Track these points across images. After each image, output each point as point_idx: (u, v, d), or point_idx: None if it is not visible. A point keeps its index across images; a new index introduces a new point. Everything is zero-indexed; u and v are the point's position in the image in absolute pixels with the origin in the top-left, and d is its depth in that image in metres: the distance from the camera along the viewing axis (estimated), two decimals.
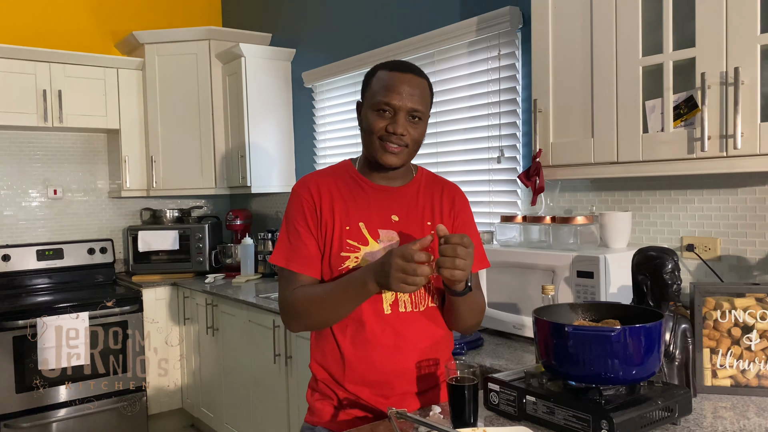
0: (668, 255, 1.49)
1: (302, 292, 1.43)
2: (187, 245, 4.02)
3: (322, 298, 1.41)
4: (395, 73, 1.42)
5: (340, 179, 1.51)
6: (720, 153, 1.61)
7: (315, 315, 1.42)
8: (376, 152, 1.43)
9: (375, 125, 1.42)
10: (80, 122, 3.84)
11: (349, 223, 1.46)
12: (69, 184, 4.15)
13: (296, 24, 3.91)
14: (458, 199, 1.58)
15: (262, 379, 3.06)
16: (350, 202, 1.48)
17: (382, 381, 1.44)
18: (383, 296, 1.45)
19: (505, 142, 2.60)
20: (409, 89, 1.41)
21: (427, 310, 1.49)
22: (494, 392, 1.40)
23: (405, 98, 1.40)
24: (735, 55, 1.57)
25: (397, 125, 1.40)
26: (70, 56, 3.77)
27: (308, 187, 1.49)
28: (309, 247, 1.46)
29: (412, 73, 1.43)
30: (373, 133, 1.42)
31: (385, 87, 1.41)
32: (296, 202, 1.49)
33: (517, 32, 2.51)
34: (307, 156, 3.92)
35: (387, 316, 1.45)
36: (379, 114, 1.41)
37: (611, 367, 1.23)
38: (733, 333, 1.52)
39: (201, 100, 3.97)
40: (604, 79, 1.86)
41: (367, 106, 1.45)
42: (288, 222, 1.50)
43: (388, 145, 1.41)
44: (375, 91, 1.43)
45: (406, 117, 1.41)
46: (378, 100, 1.41)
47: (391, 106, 1.40)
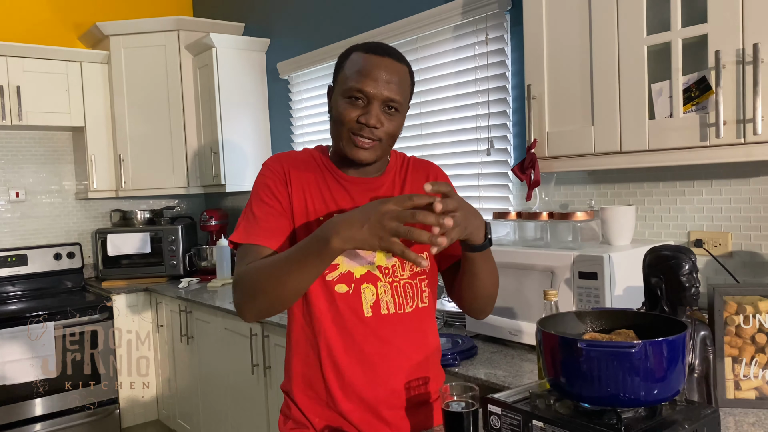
0: (684, 254, 1.33)
1: (254, 264, 1.21)
2: (159, 248, 3.81)
3: (273, 264, 1.16)
4: (371, 56, 1.24)
5: (315, 164, 1.34)
6: (737, 140, 1.46)
7: (266, 288, 1.16)
8: (345, 145, 1.26)
9: (345, 114, 1.23)
10: (42, 120, 3.62)
11: (323, 213, 1.29)
12: (32, 185, 3.91)
13: (271, 12, 3.71)
14: (435, 174, 1.42)
15: (239, 391, 2.88)
16: (326, 192, 1.31)
17: (369, 398, 1.27)
18: (362, 297, 1.27)
19: (494, 132, 2.43)
20: (386, 76, 1.22)
21: (415, 311, 1.32)
22: (495, 415, 1.23)
23: (381, 86, 1.22)
24: (753, 30, 1.41)
25: (370, 116, 1.22)
26: (30, 49, 3.55)
27: (280, 161, 1.32)
28: (277, 221, 1.27)
29: (390, 57, 1.25)
30: (343, 124, 1.24)
31: (359, 71, 1.22)
32: (266, 173, 1.31)
33: (505, 14, 2.34)
34: (284, 151, 3.71)
35: (368, 319, 1.27)
36: (351, 102, 1.23)
37: (630, 386, 1.07)
38: (757, 340, 1.36)
39: (171, 95, 3.76)
40: (604, 60, 1.70)
41: (337, 91, 1.27)
42: (254, 196, 1.31)
43: (359, 139, 1.23)
44: (347, 76, 1.24)
45: (380, 107, 1.23)
46: (350, 86, 1.22)
47: (365, 94, 1.22)
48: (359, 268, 1.28)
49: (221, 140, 3.59)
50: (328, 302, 1.27)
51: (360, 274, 1.28)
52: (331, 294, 1.27)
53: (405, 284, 1.31)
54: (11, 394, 3.16)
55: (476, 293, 1.32)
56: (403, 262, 1.31)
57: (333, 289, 1.27)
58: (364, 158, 1.25)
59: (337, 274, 1.27)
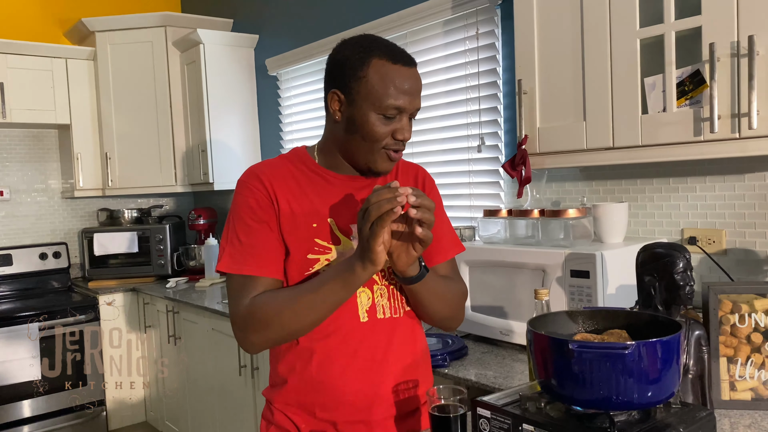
0: (679, 252, 1.29)
1: (265, 297, 1.17)
2: (147, 247, 3.76)
3: (293, 299, 1.15)
4: (401, 67, 1.17)
5: (298, 170, 1.27)
6: (732, 134, 1.42)
7: (285, 322, 1.15)
8: (376, 160, 1.21)
9: (381, 131, 1.18)
10: (26, 117, 3.55)
11: (316, 220, 1.23)
12: (17, 184, 3.85)
13: (259, 8, 3.66)
14: (427, 183, 1.38)
15: (227, 392, 2.83)
16: (314, 196, 1.24)
17: (359, 404, 1.22)
18: (358, 301, 1.23)
19: (485, 129, 2.39)
20: (416, 87, 1.19)
21: (405, 315, 1.29)
22: (484, 419, 1.19)
23: (415, 99, 1.19)
24: (748, 22, 1.38)
25: (405, 130, 1.20)
26: (13, 45, 3.49)
27: (259, 177, 1.24)
28: (267, 245, 1.21)
29: (414, 66, 1.21)
30: (377, 140, 1.18)
31: (396, 87, 1.16)
32: (245, 193, 1.24)
33: (496, 8, 2.30)
34: (273, 148, 3.67)
35: (363, 324, 1.23)
36: (386, 118, 1.18)
37: (623, 389, 1.04)
38: (753, 339, 1.33)
39: (158, 92, 3.70)
40: (596, 54, 1.66)
41: (365, 106, 1.17)
42: (236, 219, 1.24)
43: (392, 153, 1.21)
44: (380, 92, 1.16)
45: (408, 117, 1.21)
46: (389, 103, 1.16)
47: (401, 110, 1.18)
48: None
49: (209, 138, 3.53)
50: None
51: None
52: None
53: (400, 287, 1.28)
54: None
55: (432, 317, 1.30)
56: (397, 263, 1.27)
57: None
58: (389, 169, 1.24)
59: None
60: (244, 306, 1.19)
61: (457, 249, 1.39)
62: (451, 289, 1.31)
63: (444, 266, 1.35)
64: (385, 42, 1.21)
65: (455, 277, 1.37)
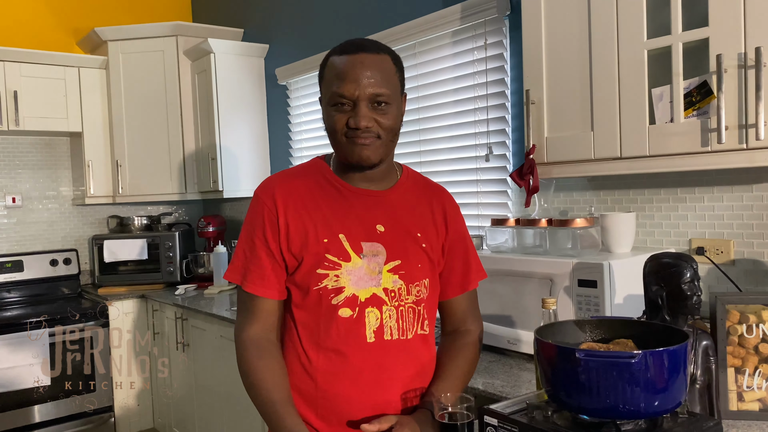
0: (686, 262, 1.30)
1: (253, 365, 1.22)
2: (156, 254, 3.78)
3: (261, 403, 1.21)
4: (345, 56, 1.20)
5: (314, 182, 1.29)
6: (739, 145, 1.43)
7: (251, 397, 1.24)
8: (346, 151, 1.23)
9: (336, 122, 1.21)
10: (39, 125, 3.59)
11: (327, 235, 1.24)
12: (29, 191, 3.89)
13: (270, 18, 3.69)
14: (450, 208, 1.38)
15: (235, 399, 2.84)
16: (327, 210, 1.25)
17: (361, 419, 1.23)
18: (366, 321, 1.23)
19: (493, 138, 2.41)
20: (365, 72, 1.18)
21: (415, 337, 1.29)
22: (491, 427, 1.20)
23: (362, 84, 1.17)
24: (755, 33, 1.39)
25: (359, 118, 1.18)
26: (27, 54, 3.52)
27: (272, 194, 1.26)
28: (264, 264, 1.25)
29: (365, 51, 1.20)
30: (336, 132, 1.22)
31: (338, 75, 1.19)
32: (257, 209, 1.27)
33: (504, 19, 2.32)
34: (282, 157, 3.70)
35: (370, 345, 1.24)
36: (338, 108, 1.20)
37: (630, 398, 1.04)
38: (761, 350, 1.33)
39: (169, 100, 3.73)
40: (604, 65, 1.67)
41: (324, 103, 1.25)
42: (245, 233, 1.29)
43: (357, 140, 1.20)
44: (328, 82, 1.21)
45: (368, 105, 1.19)
46: (332, 92, 1.19)
47: (347, 97, 1.18)
48: (364, 290, 1.24)
49: (219, 146, 3.56)
50: (329, 328, 1.24)
51: (365, 297, 1.24)
52: (334, 318, 1.23)
53: (409, 308, 1.28)
54: (5, 402, 3.12)
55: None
56: (408, 285, 1.27)
57: (336, 313, 1.23)
58: (367, 157, 1.21)
59: (342, 298, 1.23)
60: (245, 333, 1.26)
61: (481, 275, 1.42)
62: (468, 372, 1.34)
63: (464, 299, 1.38)
64: (348, 40, 1.25)
65: (471, 315, 1.39)
